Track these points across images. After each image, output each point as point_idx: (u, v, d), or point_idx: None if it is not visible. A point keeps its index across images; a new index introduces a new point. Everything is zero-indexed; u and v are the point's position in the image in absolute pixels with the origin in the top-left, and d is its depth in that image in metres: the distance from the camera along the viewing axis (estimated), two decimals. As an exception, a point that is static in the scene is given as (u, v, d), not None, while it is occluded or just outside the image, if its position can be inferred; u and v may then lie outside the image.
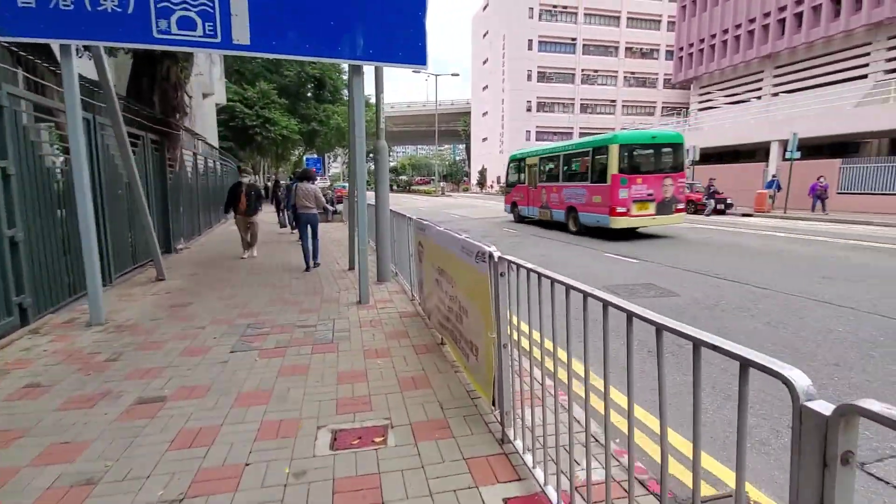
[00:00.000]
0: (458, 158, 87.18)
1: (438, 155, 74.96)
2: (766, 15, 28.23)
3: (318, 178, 14.49)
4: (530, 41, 50.14)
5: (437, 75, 40.84)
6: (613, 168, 10.82)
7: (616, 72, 52.12)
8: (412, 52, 4.83)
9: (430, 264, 3.89)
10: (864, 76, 23.67)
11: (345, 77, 29.03)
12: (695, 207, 20.00)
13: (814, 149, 20.45)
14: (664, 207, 11.21)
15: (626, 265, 7.69)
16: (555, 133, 52.75)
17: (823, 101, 22.77)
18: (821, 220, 15.98)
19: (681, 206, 11.63)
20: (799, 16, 26.42)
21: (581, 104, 52.59)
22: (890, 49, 22.84)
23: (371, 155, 8.08)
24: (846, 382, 3.21)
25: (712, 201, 19.60)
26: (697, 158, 22.97)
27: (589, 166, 11.91)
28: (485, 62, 57.86)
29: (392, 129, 64.53)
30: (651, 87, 53.16)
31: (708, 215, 19.37)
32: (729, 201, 20.01)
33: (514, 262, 2.12)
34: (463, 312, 2.87)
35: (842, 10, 24.05)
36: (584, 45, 51.10)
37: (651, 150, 11.61)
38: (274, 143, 26.02)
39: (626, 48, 51.72)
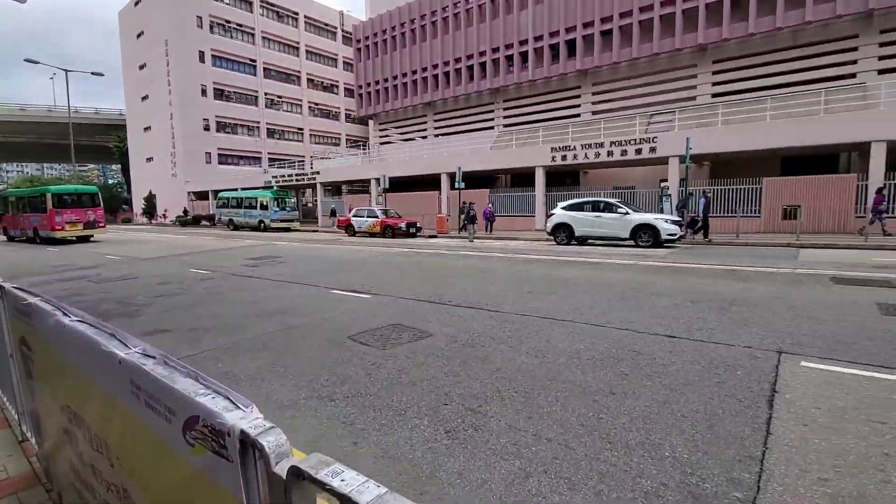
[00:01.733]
0: (111, 182, 69.47)
1: (80, 176, 57.72)
2: (424, 69, 33.80)
3: None
4: (202, 53, 44.69)
5: (67, 71, 30.87)
6: (50, 205, 20.45)
7: (301, 100, 52.50)
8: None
9: (50, 390, 1.79)
10: (492, 127, 31.23)
11: None
12: (392, 232, 21.39)
13: (470, 180, 25.32)
14: (90, 225, 21.43)
15: (360, 303, 6.75)
16: (241, 156, 48.64)
17: (475, 144, 28.75)
18: (489, 238, 19.56)
19: (101, 223, 21.97)
20: (447, 74, 32.71)
21: (268, 128, 50.40)
22: (505, 109, 30.91)
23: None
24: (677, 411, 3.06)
25: (404, 225, 21.42)
26: (388, 186, 24.88)
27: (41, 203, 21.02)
28: (142, 67, 48.10)
29: (-7, 137, 45.47)
30: (335, 120, 56.04)
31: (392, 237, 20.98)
32: (419, 224, 22.33)
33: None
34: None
35: (474, 77, 31.15)
36: (265, 69, 49.29)
37: (76, 196, 21.49)
38: None
39: (308, 79, 52.88)
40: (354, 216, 23.53)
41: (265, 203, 29.26)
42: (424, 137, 35.39)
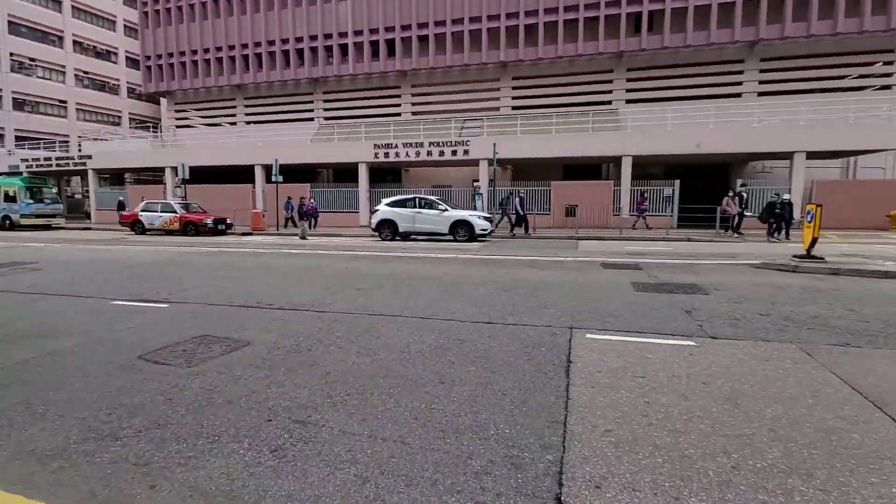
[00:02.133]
0: None
1: None
2: (231, 48, 30.33)
3: None
4: None
5: None
6: None
7: (64, 66, 41.82)
8: None
9: None
10: (312, 119, 29.86)
11: None
12: (196, 230, 18.77)
13: (289, 173, 23.80)
14: None
15: (154, 313, 5.67)
16: (-34, 130, 36.44)
17: (293, 135, 26.99)
18: (313, 235, 18.63)
19: None
20: (259, 56, 29.97)
21: (15, 98, 38.80)
22: (326, 101, 29.86)
23: None
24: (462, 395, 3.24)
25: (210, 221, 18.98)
26: (187, 176, 21.71)
27: None
28: None
29: None
30: (113, 94, 46.28)
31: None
32: (229, 221, 20.03)
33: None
34: None
35: (291, 64, 29.22)
36: (10, 22, 37.76)
37: None
38: None
39: (76, 42, 42.44)
40: (144, 211, 19.87)
41: (12, 193, 23.38)
42: (234, 124, 31.89)
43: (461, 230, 15.85)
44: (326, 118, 29.83)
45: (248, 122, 31.38)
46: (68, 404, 3.19)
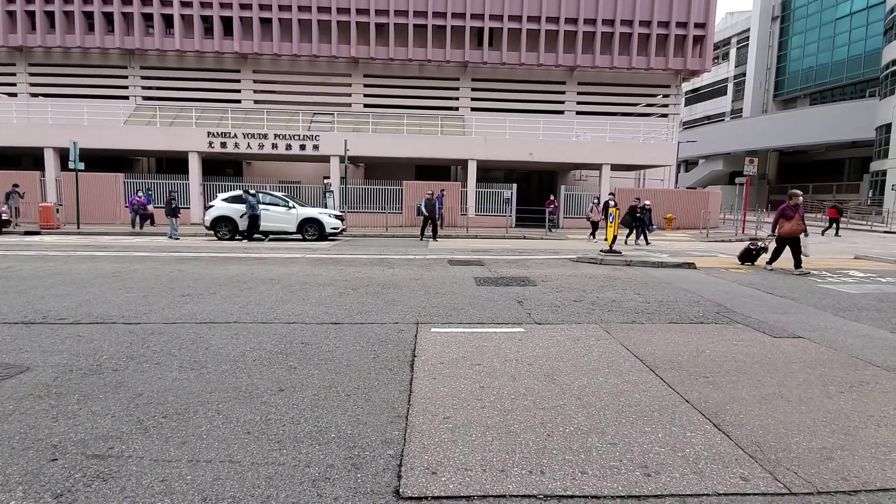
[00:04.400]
0: None
1: None
2: (12, 1, 24.03)
3: None
4: None
5: None
6: None
7: None
8: None
9: None
10: (126, 97, 25.36)
11: None
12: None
13: (97, 160, 19.89)
14: None
15: None
16: None
17: (101, 115, 22.42)
18: (139, 235, 15.85)
19: None
20: (51, 15, 24.31)
21: None
22: (145, 78, 25.63)
23: None
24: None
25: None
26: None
27: None
28: None
29: None
30: None
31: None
32: (4, 216, 15.92)
33: None
34: None
35: (96, 28, 24.33)
36: None
37: None
38: None
39: None
40: None
41: None
42: (14, 95, 25.37)
43: (310, 228, 15.16)
44: (146, 97, 25.65)
45: (36, 95, 25.25)
46: None
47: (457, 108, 27.18)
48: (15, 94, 25.22)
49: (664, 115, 27.54)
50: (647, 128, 25.80)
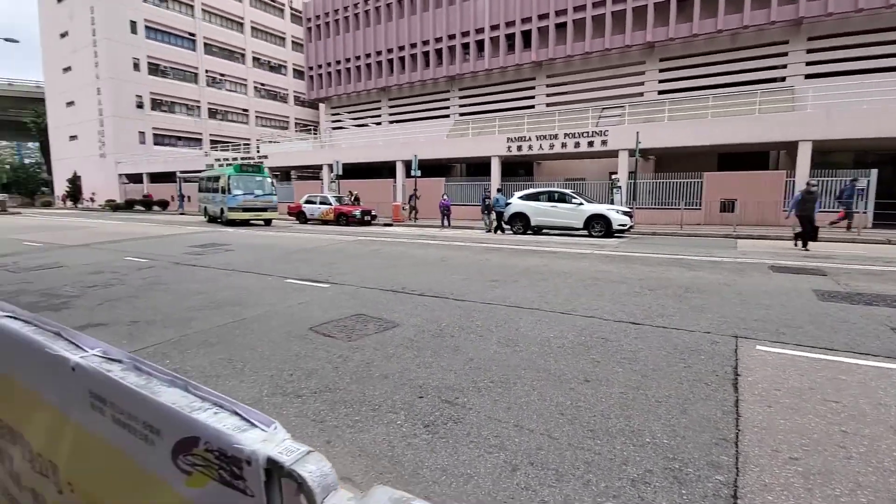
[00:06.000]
0: (27, 161, 63.05)
1: (-8, 154, 52.26)
2: (379, 53, 32.95)
3: None
4: (134, 23, 41.19)
5: (-25, 35, 27.48)
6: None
7: (246, 80, 49.80)
8: None
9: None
10: (447, 115, 31.03)
11: None
12: (346, 220, 20.84)
13: (426, 168, 25.08)
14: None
15: (319, 292, 6.45)
16: (179, 137, 45.60)
17: (430, 132, 28.40)
18: (448, 228, 19.43)
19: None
20: (403, 60, 32.07)
21: (210, 108, 47.45)
22: (461, 97, 30.80)
23: None
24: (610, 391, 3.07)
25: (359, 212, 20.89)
26: (341, 173, 24.19)
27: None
28: (64, 36, 43.74)
29: None
30: (282, 102, 53.69)
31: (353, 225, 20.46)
32: (373, 213, 21.87)
33: None
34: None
35: (430, 63, 30.71)
36: (206, 44, 46.25)
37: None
38: None
39: (254, 58, 50.21)
40: (306, 203, 22.70)
41: (224, 185, 20.79)
42: (379, 123, 34.66)
43: (597, 225, 15.06)
44: (462, 114, 30.73)
45: (392, 122, 33.83)
46: (259, 363, 3.80)
47: (783, 79, 21.95)
48: (379, 123, 34.33)
49: None
50: None
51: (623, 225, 14.98)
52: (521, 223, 16.47)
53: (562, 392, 3.21)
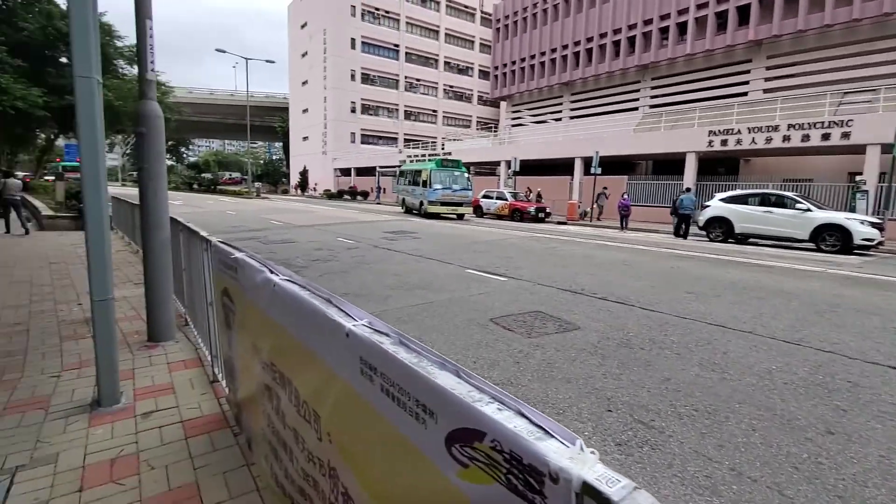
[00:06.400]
0: (274, 157, 79.66)
1: (252, 152, 67.23)
2: (565, 47, 32.15)
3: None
4: (353, 40, 48.28)
5: (247, 59, 35.77)
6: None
7: (437, 83, 53.99)
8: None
9: (251, 344, 1.85)
10: (636, 108, 28.61)
11: (118, 43, 22.70)
12: (521, 216, 20.97)
13: (606, 165, 23.60)
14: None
15: (497, 284, 6.57)
16: (380, 137, 51.94)
17: (614, 126, 26.64)
18: (627, 230, 18.02)
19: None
20: (589, 52, 30.69)
21: (405, 111, 52.91)
22: (654, 88, 28.07)
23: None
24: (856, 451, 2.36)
25: (533, 209, 20.79)
26: (518, 169, 24.40)
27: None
28: (304, 55, 53.71)
29: (192, 117, 54.92)
30: (467, 102, 56.66)
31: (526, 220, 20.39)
32: (548, 210, 21.55)
33: None
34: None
35: (620, 53, 28.71)
36: (406, 53, 51.54)
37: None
38: (2, 117, 18.58)
39: (445, 62, 54.04)
40: (483, 197, 23.56)
41: (425, 178, 20.85)
42: (559, 119, 33.91)
43: (829, 237, 12.09)
44: (652, 106, 28.00)
45: (573, 117, 32.76)
46: (445, 346, 4.01)
47: None
48: (559, 119, 33.56)
49: None
50: None
51: (868, 239, 11.72)
52: (720, 229, 14.22)
53: (794, 441, 2.60)
